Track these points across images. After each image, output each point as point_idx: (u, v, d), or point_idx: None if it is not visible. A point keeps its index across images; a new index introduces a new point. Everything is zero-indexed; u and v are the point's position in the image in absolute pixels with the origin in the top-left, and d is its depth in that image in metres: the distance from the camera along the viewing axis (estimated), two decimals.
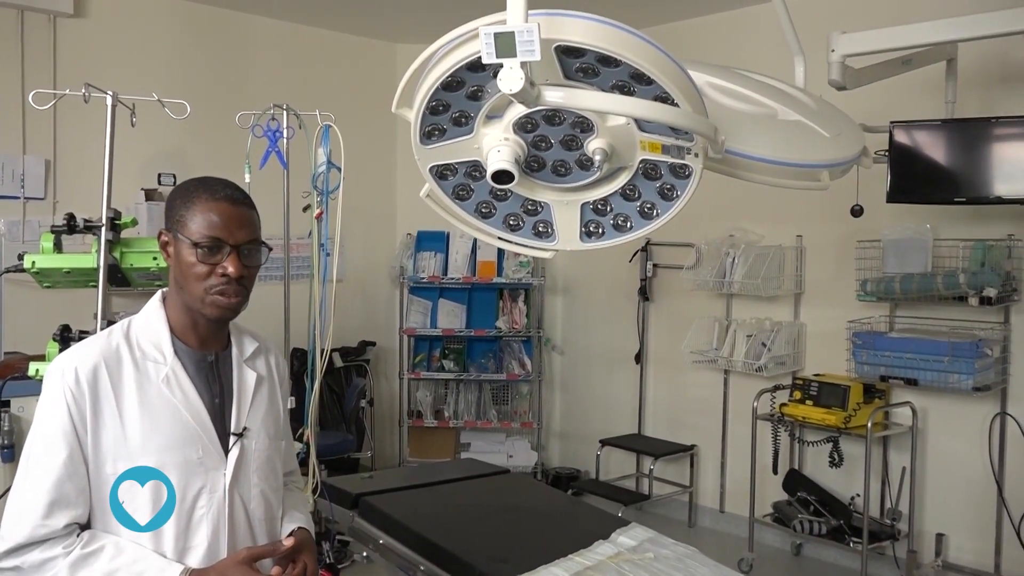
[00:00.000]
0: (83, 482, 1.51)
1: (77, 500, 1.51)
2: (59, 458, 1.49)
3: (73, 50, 4.49)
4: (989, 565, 3.97)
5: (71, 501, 1.50)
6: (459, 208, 2.13)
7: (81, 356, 1.54)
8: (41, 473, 1.50)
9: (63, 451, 1.50)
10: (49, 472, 1.49)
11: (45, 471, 1.49)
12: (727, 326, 4.85)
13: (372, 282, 5.93)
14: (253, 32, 5.25)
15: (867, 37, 3.15)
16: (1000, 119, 3.58)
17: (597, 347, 5.76)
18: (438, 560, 2.50)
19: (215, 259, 1.56)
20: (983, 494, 3.99)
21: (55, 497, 1.49)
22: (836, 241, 4.43)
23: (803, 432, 4.46)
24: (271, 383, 1.76)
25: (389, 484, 3.16)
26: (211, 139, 4.69)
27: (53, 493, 1.49)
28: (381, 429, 5.92)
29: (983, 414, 3.98)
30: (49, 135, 4.41)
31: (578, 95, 1.72)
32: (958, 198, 3.67)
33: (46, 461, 1.50)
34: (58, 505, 1.49)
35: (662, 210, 2.06)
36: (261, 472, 1.67)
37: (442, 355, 5.76)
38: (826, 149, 2.44)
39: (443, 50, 1.74)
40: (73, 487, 1.50)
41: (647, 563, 2.36)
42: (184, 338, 1.63)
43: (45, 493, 1.48)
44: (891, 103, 3.92)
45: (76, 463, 1.51)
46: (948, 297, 3.84)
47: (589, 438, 5.57)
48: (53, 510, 1.49)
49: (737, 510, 4.88)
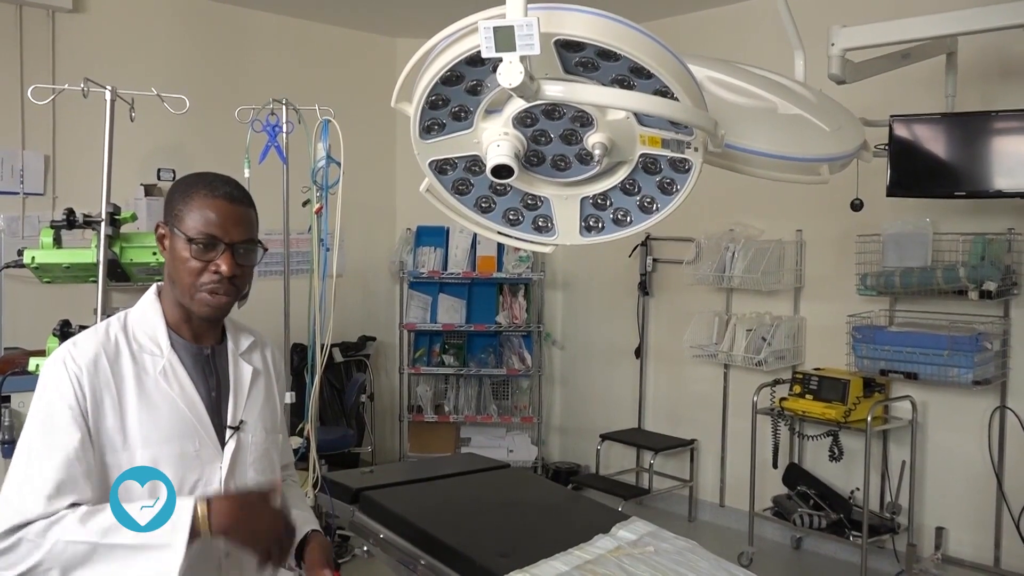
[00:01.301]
0: (90, 466, 1.47)
1: (85, 483, 1.45)
2: (72, 438, 1.45)
3: (72, 45, 4.49)
4: (989, 558, 3.98)
5: (78, 483, 1.44)
6: (459, 203, 2.13)
7: (81, 347, 1.54)
8: (48, 454, 1.44)
9: (75, 432, 1.45)
10: (56, 453, 1.44)
11: (53, 451, 1.44)
12: (727, 320, 4.85)
13: (372, 277, 5.93)
14: (252, 27, 5.25)
15: (867, 31, 3.15)
16: (1000, 113, 3.58)
17: (597, 342, 5.77)
18: (438, 554, 2.50)
19: (209, 256, 1.55)
20: (983, 488, 3.99)
21: (63, 478, 1.43)
22: (836, 235, 4.43)
23: (803, 426, 4.46)
24: (267, 377, 1.76)
25: (389, 479, 3.16)
26: (210, 134, 4.69)
27: (62, 473, 1.43)
28: (381, 424, 5.92)
29: (983, 408, 3.98)
30: (48, 130, 4.41)
31: (578, 89, 1.72)
32: (958, 192, 3.67)
33: (54, 441, 1.44)
34: (65, 486, 1.43)
35: (662, 204, 2.06)
36: (258, 465, 1.67)
37: (442, 350, 5.77)
38: (826, 143, 2.43)
39: (442, 44, 1.73)
40: (81, 469, 1.45)
41: (647, 557, 2.36)
42: (179, 331, 1.63)
43: (54, 472, 1.43)
44: (891, 97, 3.91)
45: (86, 445, 1.46)
46: (948, 291, 3.84)
47: (589, 433, 5.58)
48: (61, 490, 1.42)
49: (737, 504, 4.89)
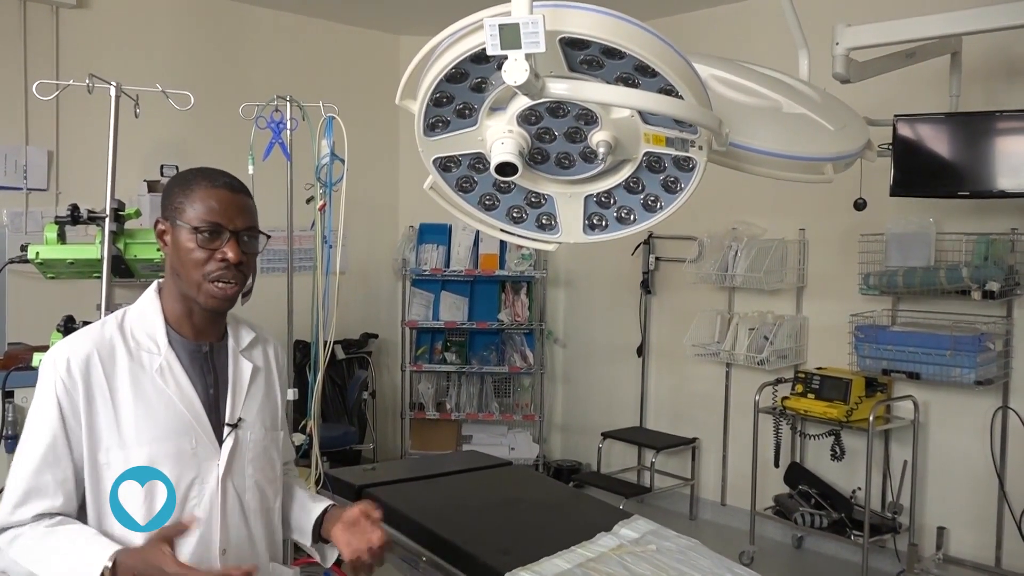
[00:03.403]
0: (65, 473, 1.51)
1: (56, 491, 1.51)
2: (40, 449, 1.50)
3: (76, 41, 4.49)
4: (990, 558, 3.98)
5: (47, 491, 1.50)
6: (462, 200, 2.13)
7: (74, 346, 1.55)
8: (23, 461, 1.51)
9: (45, 440, 1.51)
10: (29, 462, 1.50)
11: (26, 459, 1.51)
12: (729, 319, 4.85)
13: (374, 274, 5.93)
14: (257, 23, 5.25)
15: (871, 30, 3.15)
16: (1004, 113, 3.58)
17: (599, 340, 5.77)
18: (440, 551, 2.50)
19: (214, 244, 1.56)
20: (985, 488, 3.99)
21: (31, 486, 1.50)
22: (839, 235, 4.43)
23: (805, 425, 4.46)
24: (268, 374, 1.76)
25: (391, 476, 3.16)
26: (214, 130, 4.69)
27: (30, 481, 1.50)
28: (383, 421, 5.93)
29: (985, 408, 3.98)
30: (52, 126, 4.41)
31: (583, 87, 1.72)
32: (961, 192, 3.66)
33: (28, 449, 1.51)
34: (32, 494, 1.50)
35: (665, 203, 2.05)
36: (257, 463, 1.67)
37: (444, 347, 5.77)
38: (830, 142, 2.43)
39: (447, 41, 1.73)
40: (52, 478, 1.50)
41: (649, 555, 2.36)
42: (179, 328, 1.63)
43: (23, 481, 1.50)
44: (895, 96, 3.91)
45: (59, 454, 1.51)
46: (951, 291, 3.84)
47: (591, 431, 5.58)
48: (27, 499, 1.50)
49: (738, 503, 4.90)
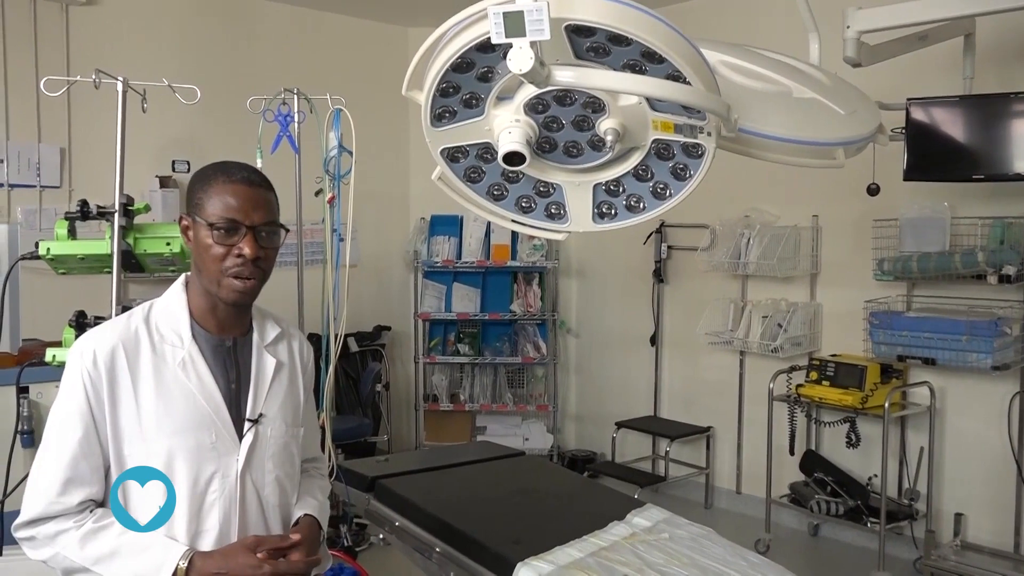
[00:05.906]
0: (98, 461, 1.55)
1: (92, 478, 1.55)
2: (75, 437, 1.53)
3: (86, 38, 4.51)
4: (1008, 545, 3.95)
5: (86, 479, 1.54)
6: (471, 191, 2.12)
7: (100, 338, 1.57)
8: (58, 451, 1.54)
9: (79, 430, 1.54)
10: (65, 451, 1.53)
11: (61, 450, 1.53)
12: (742, 307, 4.82)
13: (386, 267, 5.93)
14: (263, 16, 5.25)
15: (883, 13, 3.11)
16: (1019, 95, 3.53)
17: (612, 329, 5.76)
18: (454, 542, 2.51)
19: (231, 240, 1.56)
20: (1002, 474, 3.96)
21: (70, 475, 1.53)
22: (852, 220, 4.40)
23: (820, 413, 4.44)
24: (292, 369, 1.76)
25: (405, 467, 3.18)
26: (223, 124, 4.70)
27: (69, 471, 1.53)
28: (397, 413, 5.94)
29: (1002, 393, 3.94)
30: (64, 123, 4.43)
31: (589, 74, 1.70)
32: (976, 175, 3.62)
33: (63, 440, 1.54)
34: (73, 483, 1.53)
35: (675, 190, 2.04)
36: (277, 459, 1.68)
37: (457, 339, 5.77)
38: (841, 127, 2.41)
39: (452, 31, 1.72)
40: (88, 466, 1.54)
41: (663, 543, 2.36)
42: (203, 322, 1.64)
43: (61, 471, 1.53)
44: (907, 80, 3.87)
45: (91, 443, 1.54)
46: (966, 276, 3.80)
47: (605, 420, 5.58)
48: (68, 487, 1.53)
49: (754, 491, 4.88)
